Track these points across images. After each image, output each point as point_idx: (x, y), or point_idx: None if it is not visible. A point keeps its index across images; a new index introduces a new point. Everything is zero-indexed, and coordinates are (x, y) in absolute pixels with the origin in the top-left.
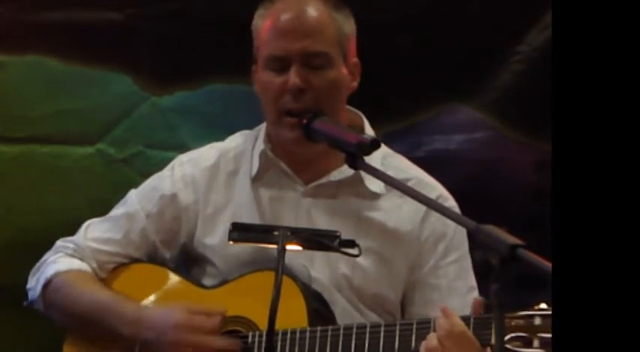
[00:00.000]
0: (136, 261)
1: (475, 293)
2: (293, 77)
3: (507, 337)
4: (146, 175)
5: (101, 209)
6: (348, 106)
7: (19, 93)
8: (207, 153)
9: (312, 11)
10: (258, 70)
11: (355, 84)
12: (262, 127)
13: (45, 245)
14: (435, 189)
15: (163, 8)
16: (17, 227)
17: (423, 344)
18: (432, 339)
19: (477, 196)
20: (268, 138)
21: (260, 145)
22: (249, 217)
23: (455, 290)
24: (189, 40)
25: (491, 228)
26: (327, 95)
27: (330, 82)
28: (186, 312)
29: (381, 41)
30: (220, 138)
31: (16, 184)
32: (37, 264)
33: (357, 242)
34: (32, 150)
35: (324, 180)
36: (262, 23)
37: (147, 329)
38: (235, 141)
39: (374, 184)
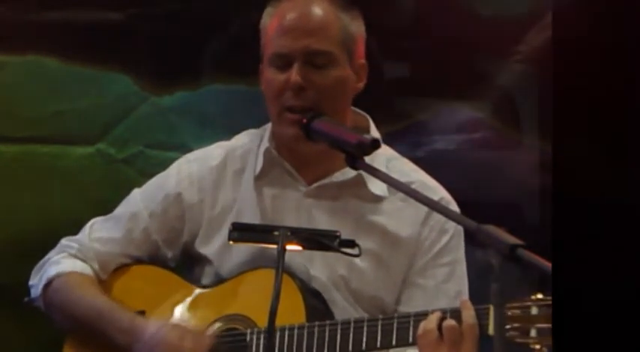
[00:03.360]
0: (137, 261)
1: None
2: (294, 75)
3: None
4: (146, 175)
5: (101, 209)
6: (353, 108)
7: (19, 93)
8: (213, 152)
9: (318, 10)
10: (263, 67)
11: (361, 85)
12: (268, 126)
13: (45, 245)
14: (437, 192)
15: (163, 8)
16: (17, 227)
17: (422, 325)
18: (431, 321)
19: (477, 196)
20: (273, 136)
21: (265, 143)
22: (251, 215)
23: (442, 292)
24: (189, 40)
25: (491, 228)
26: (328, 94)
27: (332, 81)
28: (177, 331)
29: (381, 41)
30: (220, 138)
31: (16, 184)
32: (41, 262)
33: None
34: (32, 150)
35: (326, 180)
36: (269, 22)
37: (138, 342)
38: (242, 139)
39: (376, 187)
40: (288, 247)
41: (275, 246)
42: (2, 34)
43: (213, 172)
